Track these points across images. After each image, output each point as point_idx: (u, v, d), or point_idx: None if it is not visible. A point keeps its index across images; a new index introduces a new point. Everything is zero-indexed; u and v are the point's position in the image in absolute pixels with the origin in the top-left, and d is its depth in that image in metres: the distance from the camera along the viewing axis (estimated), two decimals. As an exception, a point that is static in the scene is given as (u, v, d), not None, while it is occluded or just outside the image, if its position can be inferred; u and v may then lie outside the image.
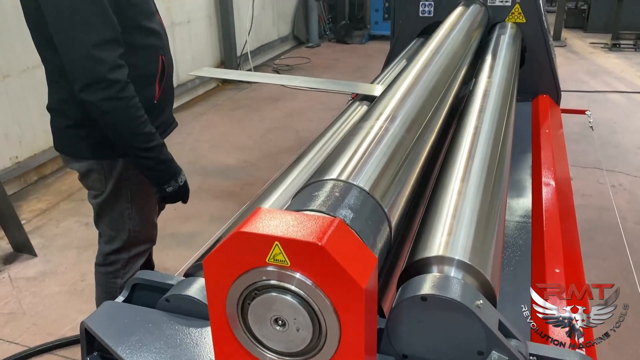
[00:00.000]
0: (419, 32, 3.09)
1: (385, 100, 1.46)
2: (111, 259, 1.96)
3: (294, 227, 0.74)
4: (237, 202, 3.57)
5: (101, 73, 1.50)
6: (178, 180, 1.79)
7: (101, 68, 1.50)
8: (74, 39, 1.50)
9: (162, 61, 1.77)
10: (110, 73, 1.52)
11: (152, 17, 1.74)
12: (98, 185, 1.82)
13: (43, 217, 3.49)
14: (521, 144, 2.45)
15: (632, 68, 6.61)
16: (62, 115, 1.77)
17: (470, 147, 1.45)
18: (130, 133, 1.62)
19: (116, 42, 1.55)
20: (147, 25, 1.70)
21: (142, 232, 1.94)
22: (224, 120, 5.30)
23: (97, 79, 1.51)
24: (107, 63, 1.51)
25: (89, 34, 1.48)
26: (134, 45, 1.65)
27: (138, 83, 1.65)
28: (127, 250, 1.94)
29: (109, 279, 1.99)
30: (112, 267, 1.97)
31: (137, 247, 1.96)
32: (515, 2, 2.92)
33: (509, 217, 1.89)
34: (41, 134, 3.93)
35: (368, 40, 8.62)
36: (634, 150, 4.21)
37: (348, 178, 1.00)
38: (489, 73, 2.14)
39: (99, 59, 1.49)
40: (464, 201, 1.15)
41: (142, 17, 1.67)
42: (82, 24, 1.48)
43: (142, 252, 2.00)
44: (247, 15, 6.65)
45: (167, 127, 1.90)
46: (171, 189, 1.77)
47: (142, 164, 1.71)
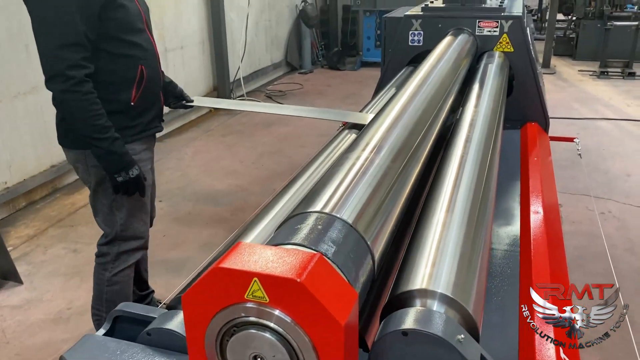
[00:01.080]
0: (408, 60, 3.12)
1: (372, 130, 1.47)
2: (103, 251, 2.18)
3: (273, 262, 0.74)
4: (228, 228, 3.55)
5: (60, 69, 1.80)
6: (129, 172, 1.97)
7: (61, 65, 1.79)
8: (44, 40, 1.82)
9: (141, 70, 2.03)
10: (68, 70, 1.80)
11: (137, 33, 2.01)
12: (85, 176, 2.08)
13: (30, 243, 3.45)
14: (510, 171, 2.46)
15: (619, 95, 6.71)
16: (57, 110, 2.02)
17: (455, 177, 1.46)
18: (83, 123, 1.87)
19: (79, 45, 1.82)
20: (128, 38, 1.97)
21: (130, 227, 2.14)
22: (216, 146, 5.31)
23: (57, 73, 1.81)
24: (67, 61, 1.79)
25: (55, 36, 1.80)
26: (112, 53, 1.94)
27: (116, 84, 1.97)
28: (118, 244, 2.16)
29: (100, 270, 2.20)
30: (103, 259, 2.18)
31: (126, 242, 2.17)
32: (503, 32, 2.96)
33: (497, 246, 1.89)
34: (31, 160, 3.92)
35: (360, 66, 8.72)
36: (623, 177, 4.24)
37: (332, 210, 1.00)
38: (475, 102, 2.16)
39: (61, 57, 1.79)
40: (448, 233, 1.15)
41: (122, 31, 1.95)
42: (51, 28, 1.81)
43: (132, 250, 2.19)
44: (240, 42, 6.72)
45: (144, 129, 2.11)
46: (121, 179, 1.96)
47: (95, 152, 1.94)
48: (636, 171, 4.36)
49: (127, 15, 1.96)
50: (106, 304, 2.19)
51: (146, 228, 2.24)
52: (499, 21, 2.95)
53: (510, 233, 1.99)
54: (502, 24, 2.95)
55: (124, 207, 2.10)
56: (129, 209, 2.11)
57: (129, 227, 2.14)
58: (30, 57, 3.74)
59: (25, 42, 3.69)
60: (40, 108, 3.85)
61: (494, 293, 1.61)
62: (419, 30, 3.10)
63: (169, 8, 5.46)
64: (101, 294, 2.20)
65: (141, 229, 2.20)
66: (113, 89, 1.96)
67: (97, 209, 2.14)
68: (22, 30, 3.62)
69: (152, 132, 2.18)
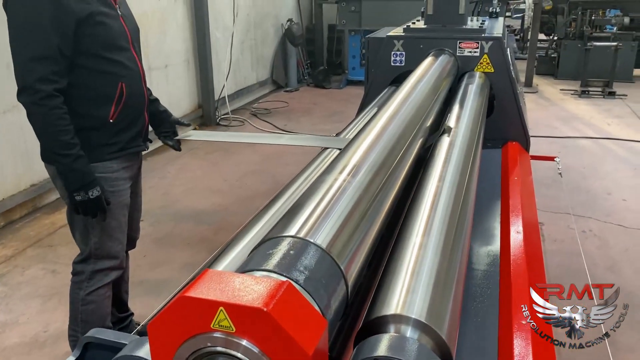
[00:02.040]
0: (391, 80, 3.14)
1: (349, 152, 1.47)
2: (77, 269, 2.16)
3: (240, 291, 0.72)
4: (210, 248, 3.51)
5: (29, 81, 1.80)
6: (89, 192, 1.93)
7: (30, 77, 1.80)
8: (17, 50, 1.83)
9: (120, 87, 2.01)
10: (36, 83, 1.80)
11: (119, 51, 2.00)
12: (62, 191, 2.04)
13: (8, 264, 3.39)
14: (491, 190, 2.47)
15: (600, 114, 6.81)
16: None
17: (433, 199, 1.46)
18: (47, 137, 1.88)
19: (50, 59, 1.81)
20: (107, 55, 1.96)
21: (104, 246, 2.11)
22: (200, 164, 5.28)
23: (26, 85, 1.81)
24: (37, 74, 1.79)
25: (26, 48, 1.80)
26: (89, 69, 1.93)
27: (93, 101, 1.96)
28: (92, 263, 2.13)
29: (74, 288, 2.17)
30: (78, 277, 2.15)
31: (101, 261, 2.13)
32: (484, 53, 3.00)
33: (477, 266, 1.89)
34: (10, 179, 3.86)
35: (346, 85, 8.77)
36: (604, 195, 4.29)
37: (305, 235, 0.99)
38: (455, 122, 2.18)
39: (31, 69, 1.80)
40: (424, 257, 1.15)
41: (102, 48, 1.94)
42: (24, 41, 1.81)
43: (106, 269, 2.16)
44: (225, 60, 6.74)
45: (123, 148, 2.08)
46: (80, 199, 1.92)
47: (57, 168, 1.93)
48: (616, 190, 4.41)
49: (108, 32, 1.95)
50: (82, 324, 2.15)
51: (122, 248, 2.20)
52: (480, 42, 2.98)
53: (490, 253, 1.99)
54: (483, 44, 2.99)
55: (98, 226, 2.07)
56: (103, 228, 2.08)
57: (103, 246, 2.11)
58: (11, 76, 3.66)
59: (7, 61, 3.64)
60: (21, 127, 3.80)
61: (473, 314, 1.60)
62: (401, 50, 3.13)
63: (153, 27, 5.47)
64: (76, 313, 2.17)
65: (116, 249, 2.16)
66: (90, 104, 1.96)
67: (74, 225, 2.12)
68: (3, 50, 3.58)
69: (133, 151, 2.15)
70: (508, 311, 1.59)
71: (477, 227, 2.09)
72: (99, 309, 2.17)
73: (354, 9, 8.18)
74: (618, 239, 3.58)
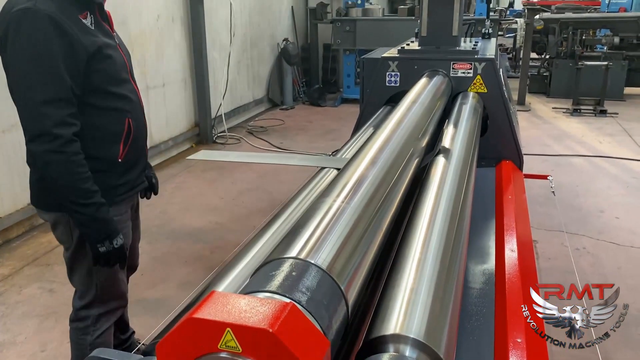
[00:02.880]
0: (386, 100, 3.19)
1: (347, 173, 1.50)
2: (81, 315, 2.01)
3: (246, 312, 0.75)
4: (207, 266, 3.53)
5: (46, 127, 1.63)
6: (113, 242, 1.81)
7: (46, 122, 1.63)
8: (26, 95, 1.65)
9: (128, 124, 1.89)
10: (54, 128, 1.64)
11: (122, 84, 1.87)
12: (65, 237, 1.90)
13: (5, 283, 3.39)
14: (485, 209, 2.51)
15: (592, 132, 6.90)
16: (33, 169, 1.87)
17: (429, 219, 1.50)
18: (68, 186, 1.71)
19: (65, 101, 1.67)
20: (113, 90, 1.82)
21: (111, 288, 2.00)
22: (197, 182, 5.31)
23: (42, 132, 1.64)
24: (53, 119, 1.64)
25: (38, 92, 1.63)
26: (98, 107, 1.79)
27: (101, 141, 1.82)
28: (97, 307, 2.00)
29: (79, 335, 2.03)
30: (83, 323, 2.01)
31: (106, 304, 2.02)
32: (477, 73, 3.06)
33: (473, 285, 1.92)
34: (7, 197, 3.88)
35: (340, 103, 8.86)
36: (596, 213, 4.34)
37: (306, 256, 1.02)
38: (450, 143, 2.22)
39: (45, 114, 1.63)
40: (421, 276, 1.18)
41: (108, 83, 1.80)
42: (33, 83, 1.63)
43: (112, 310, 2.05)
44: (222, 79, 6.80)
45: (133, 186, 1.99)
46: (104, 249, 1.79)
47: (77, 219, 1.78)
48: (609, 207, 4.46)
49: (113, 65, 1.82)
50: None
51: (126, 286, 2.12)
52: (473, 63, 3.05)
53: (485, 271, 2.02)
54: (476, 66, 3.06)
55: (106, 270, 1.92)
56: (111, 271, 1.95)
57: (109, 289, 2.00)
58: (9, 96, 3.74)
59: (4, 82, 3.69)
60: (19, 145, 3.82)
61: (469, 333, 1.63)
62: (395, 71, 3.19)
63: (151, 46, 5.53)
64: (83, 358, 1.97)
65: (122, 289, 2.07)
66: (99, 145, 1.81)
67: (74, 269, 1.97)
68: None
69: (140, 188, 2.07)
70: (503, 329, 1.62)
71: (472, 245, 2.12)
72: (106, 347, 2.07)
73: (348, 29, 8.30)
74: (611, 256, 3.63)
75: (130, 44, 4.69)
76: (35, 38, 1.62)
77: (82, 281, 1.97)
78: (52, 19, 1.62)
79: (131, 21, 4.99)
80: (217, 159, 2.39)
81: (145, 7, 5.35)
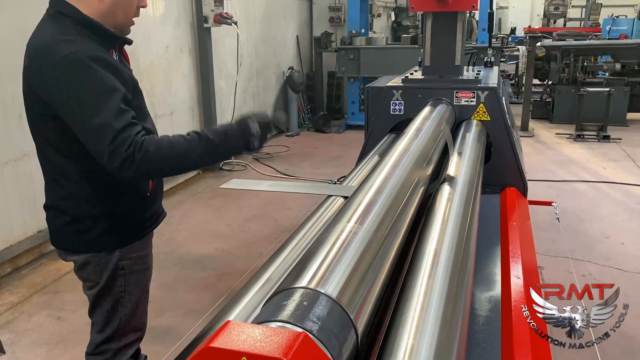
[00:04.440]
0: (390, 127, 3.24)
1: (355, 202, 1.54)
2: (102, 349, 1.97)
3: (261, 342, 0.78)
4: (214, 293, 3.54)
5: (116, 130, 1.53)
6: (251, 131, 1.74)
7: (117, 125, 1.53)
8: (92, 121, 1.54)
9: None
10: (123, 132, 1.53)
11: (147, 118, 1.88)
12: (93, 277, 1.86)
13: (14, 310, 3.41)
14: (490, 236, 2.53)
15: (595, 158, 6.93)
16: (61, 213, 1.81)
17: (435, 248, 1.53)
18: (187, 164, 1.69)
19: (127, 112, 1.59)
20: (143, 125, 1.73)
21: (134, 321, 1.98)
22: (203, 209, 5.35)
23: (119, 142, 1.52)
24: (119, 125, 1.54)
25: (100, 115, 1.54)
26: None
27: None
28: (117, 340, 1.97)
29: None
30: (102, 356, 1.98)
31: (127, 336, 1.99)
32: (480, 102, 3.11)
33: (479, 312, 1.93)
34: (18, 226, 3.93)
35: (345, 129, 8.95)
36: (601, 239, 4.34)
37: (316, 286, 1.05)
38: (454, 170, 2.26)
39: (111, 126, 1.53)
40: (429, 305, 1.20)
41: (140, 118, 1.72)
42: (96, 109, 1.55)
43: (131, 343, 2.02)
44: (229, 107, 6.91)
45: (157, 216, 2.02)
46: (257, 143, 1.76)
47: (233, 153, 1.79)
48: (614, 233, 4.47)
49: (143, 101, 1.83)
50: None
51: (146, 317, 2.08)
52: (476, 92, 3.10)
53: (492, 298, 2.04)
54: (479, 94, 3.11)
55: (130, 304, 1.92)
56: (134, 304, 1.94)
57: (131, 321, 1.98)
58: (22, 126, 3.80)
59: (19, 112, 3.79)
60: (30, 174, 3.90)
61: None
62: (400, 100, 3.25)
63: (160, 76, 5.65)
64: None
65: (142, 320, 2.05)
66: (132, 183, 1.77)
67: (97, 305, 1.92)
68: (15, 101, 3.73)
69: (161, 220, 2.04)
70: (510, 356, 1.63)
71: (478, 272, 2.14)
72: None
73: (352, 57, 8.43)
74: (617, 283, 3.61)
75: (140, 74, 4.80)
76: (91, 80, 1.57)
77: (105, 316, 1.93)
78: (100, 58, 1.61)
79: (140, 52, 5.10)
80: (249, 188, 2.38)
81: (154, 39, 5.49)
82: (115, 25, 1.75)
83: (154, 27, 5.47)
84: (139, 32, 5.15)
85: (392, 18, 13.26)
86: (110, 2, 1.70)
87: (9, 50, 3.63)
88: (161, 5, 5.65)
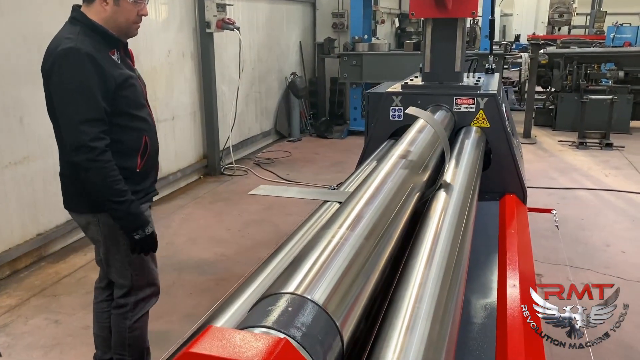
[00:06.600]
0: (390, 133, 3.24)
1: (348, 208, 1.53)
2: (121, 302, 2.41)
3: (240, 347, 0.78)
4: (212, 298, 3.53)
5: (85, 141, 2.03)
6: (145, 230, 2.19)
7: (85, 138, 2.03)
8: (68, 115, 2.06)
9: (145, 140, 2.28)
10: (91, 142, 2.03)
11: (141, 108, 2.28)
12: (96, 235, 2.31)
13: (12, 313, 3.41)
14: (488, 243, 2.52)
15: (597, 166, 6.90)
16: (69, 178, 2.25)
17: (428, 254, 1.52)
18: (104, 187, 2.09)
19: (99, 121, 2.06)
20: (134, 112, 2.23)
21: (143, 277, 2.40)
22: (204, 213, 5.35)
23: (82, 145, 2.03)
24: (90, 134, 2.03)
25: (78, 114, 2.04)
26: (122, 126, 2.18)
27: (124, 153, 2.19)
28: (134, 294, 2.40)
29: (120, 319, 2.42)
30: (122, 309, 2.42)
31: (142, 290, 2.42)
32: (479, 108, 3.11)
33: (475, 320, 1.92)
34: (17, 229, 3.93)
35: (347, 135, 8.95)
36: (602, 247, 4.32)
37: (303, 292, 1.04)
38: (451, 177, 2.25)
39: (84, 131, 2.03)
40: (418, 314, 1.19)
41: (130, 107, 2.21)
42: (75, 105, 2.05)
43: (147, 297, 2.45)
44: (230, 112, 6.92)
45: (147, 193, 2.37)
46: (138, 237, 2.18)
47: (114, 215, 2.15)
48: (615, 241, 4.44)
49: (135, 92, 2.22)
50: (129, 349, 2.45)
51: (157, 273, 2.49)
52: (475, 98, 3.10)
53: (487, 306, 2.02)
54: (478, 101, 3.10)
55: (137, 260, 2.32)
56: (140, 262, 2.34)
57: (142, 276, 2.38)
58: (23, 129, 3.85)
59: (20, 115, 3.80)
60: (30, 178, 3.91)
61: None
62: (399, 106, 3.24)
63: (162, 81, 5.66)
64: (123, 340, 2.44)
65: (153, 275, 2.45)
66: (121, 157, 2.16)
67: (110, 264, 2.36)
68: (16, 104, 3.74)
69: (152, 196, 2.43)
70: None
71: (474, 280, 2.13)
72: (142, 334, 2.49)
73: (355, 63, 8.44)
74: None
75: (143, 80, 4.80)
76: (77, 71, 2.03)
77: (119, 274, 2.36)
78: (89, 55, 2.03)
79: (143, 57, 5.12)
80: (277, 195, 2.52)
81: (157, 44, 5.50)
82: (118, 29, 2.16)
83: (156, 32, 5.49)
84: (142, 37, 5.17)
85: (396, 24, 13.28)
86: (112, 10, 2.12)
87: (9, 55, 3.66)
88: (164, 11, 5.67)
